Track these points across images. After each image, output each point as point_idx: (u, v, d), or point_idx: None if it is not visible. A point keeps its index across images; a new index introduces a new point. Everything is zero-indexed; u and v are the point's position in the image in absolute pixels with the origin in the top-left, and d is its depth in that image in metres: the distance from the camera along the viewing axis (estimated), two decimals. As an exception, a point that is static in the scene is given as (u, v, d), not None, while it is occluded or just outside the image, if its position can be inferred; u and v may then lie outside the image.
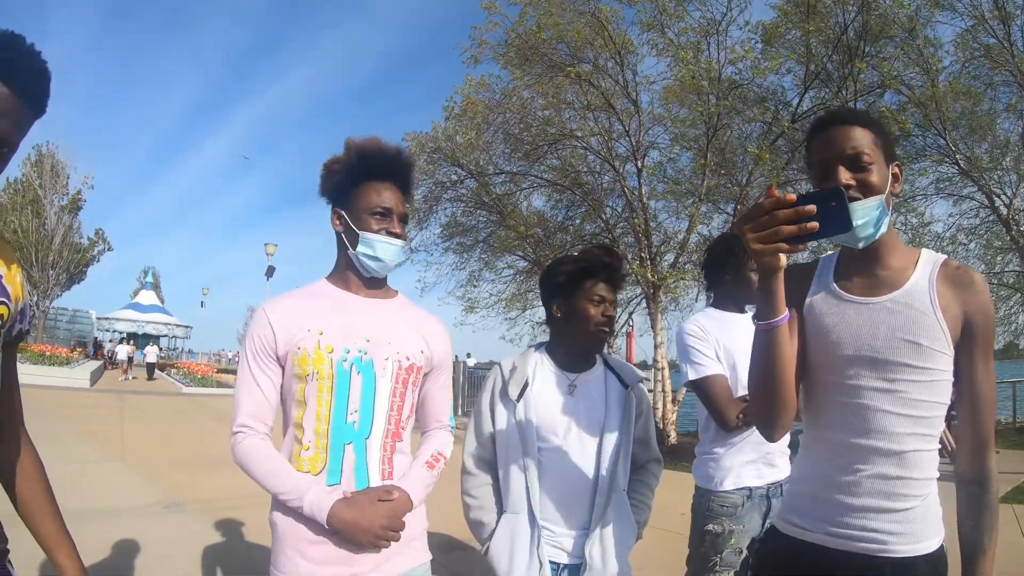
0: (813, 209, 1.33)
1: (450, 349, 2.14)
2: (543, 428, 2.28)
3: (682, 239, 14.68)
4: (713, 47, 13.61)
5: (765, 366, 1.57)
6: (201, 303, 68.91)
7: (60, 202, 36.43)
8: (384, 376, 1.89)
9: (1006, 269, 16.24)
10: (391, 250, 1.93)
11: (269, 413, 1.90)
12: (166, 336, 60.12)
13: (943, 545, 1.60)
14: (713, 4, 13.37)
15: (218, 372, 35.40)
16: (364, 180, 1.95)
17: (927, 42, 12.58)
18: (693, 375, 2.74)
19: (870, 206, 1.53)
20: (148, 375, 33.23)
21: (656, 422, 12.73)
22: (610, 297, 2.35)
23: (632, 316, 18.47)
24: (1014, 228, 14.03)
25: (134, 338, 49.40)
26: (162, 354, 46.56)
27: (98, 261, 40.95)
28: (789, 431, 1.72)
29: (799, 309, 1.72)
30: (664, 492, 2.54)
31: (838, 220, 1.34)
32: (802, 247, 1.46)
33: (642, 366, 16.48)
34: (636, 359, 19.15)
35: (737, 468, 2.72)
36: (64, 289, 39.43)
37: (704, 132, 13.46)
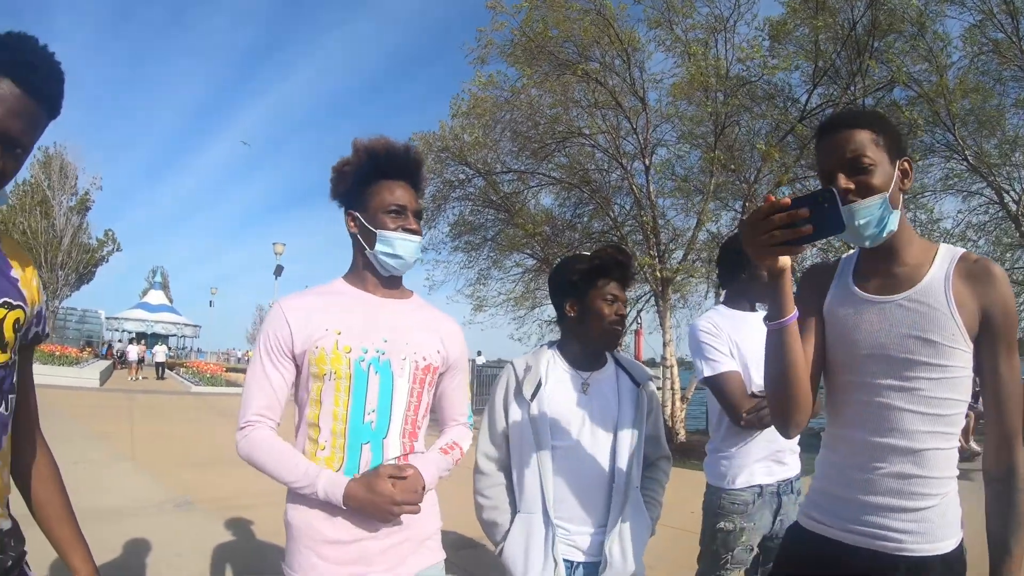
0: (807, 212, 1.36)
1: (465, 349, 2.15)
2: (557, 427, 2.29)
3: (690, 236, 14.65)
4: (721, 44, 13.59)
5: (777, 365, 1.59)
6: (210, 302, 69.06)
7: (68, 203, 36.60)
8: (402, 376, 1.90)
9: (1016, 266, 16.11)
10: (410, 247, 1.93)
11: (278, 410, 1.90)
12: (175, 335, 60.35)
13: (961, 545, 1.60)
14: (721, 1, 13.35)
15: (227, 371, 35.52)
16: (376, 180, 1.95)
17: (936, 37, 12.51)
18: (708, 371, 2.73)
19: (871, 205, 1.54)
20: (158, 374, 33.36)
21: (665, 420, 12.77)
22: (622, 296, 2.37)
23: (641, 314, 18.47)
24: (1023, 224, 13.95)
25: (143, 338, 49.61)
26: (171, 353, 46.69)
27: (107, 261, 41.10)
28: (803, 429, 1.72)
29: (819, 309, 1.73)
30: (673, 489, 2.54)
31: (832, 221, 1.37)
32: (800, 249, 1.48)
33: (651, 363, 16.47)
34: (644, 357, 19.16)
35: (748, 466, 2.72)
36: (73, 289, 39.62)
37: (712, 129, 13.44)
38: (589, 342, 2.40)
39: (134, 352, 34.31)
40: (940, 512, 1.56)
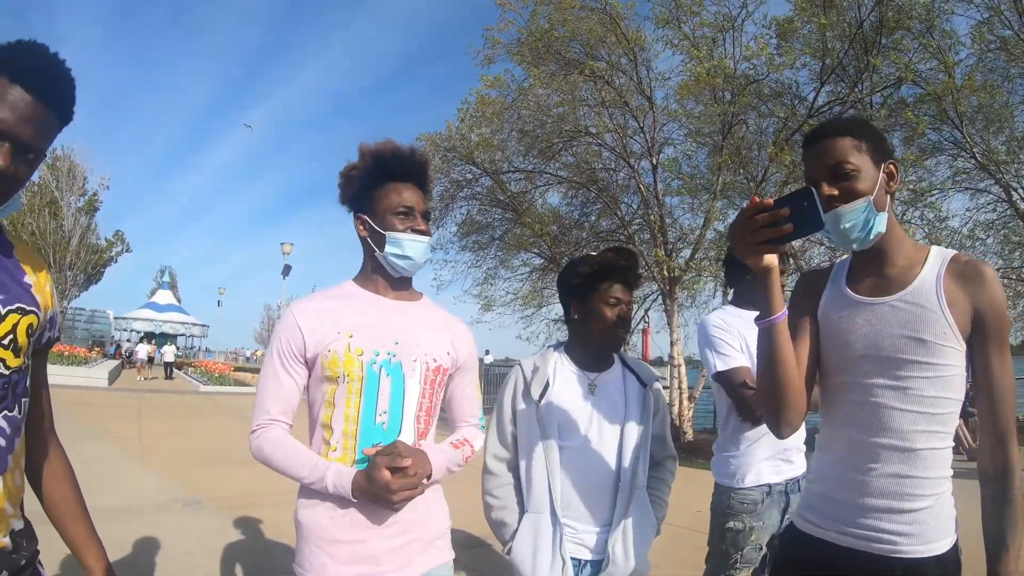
0: (787, 212, 1.42)
1: (475, 349, 2.16)
2: (564, 427, 2.31)
3: (698, 235, 14.61)
4: (729, 43, 13.54)
5: (767, 363, 1.62)
6: (218, 302, 69.14)
7: (77, 204, 36.73)
8: (412, 377, 1.91)
9: (1025, 264, 16.03)
10: (419, 247, 1.95)
11: (290, 412, 1.92)
12: (183, 335, 60.45)
13: (956, 546, 1.61)
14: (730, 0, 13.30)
15: (235, 371, 35.66)
16: (383, 182, 1.96)
17: (945, 35, 12.45)
18: (721, 366, 2.73)
19: (855, 209, 1.58)
20: (166, 374, 33.45)
21: (672, 419, 12.75)
22: (626, 298, 2.38)
23: (648, 313, 18.45)
24: (1032, 222, 13.87)
25: (152, 337, 49.75)
26: (179, 353, 46.84)
27: (116, 262, 41.26)
28: (798, 429, 1.73)
29: (814, 312, 1.77)
30: (680, 489, 2.55)
31: (811, 219, 1.43)
32: (784, 248, 1.54)
33: (658, 362, 16.45)
34: (652, 356, 19.14)
35: (756, 465, 2.72)
36: (82, 290, 39.81)
37: (719, 128, 13.40)
38: (591, 344, 2.43)
39: (143, 351, 34.40)
40: (935, 513, 1.58)
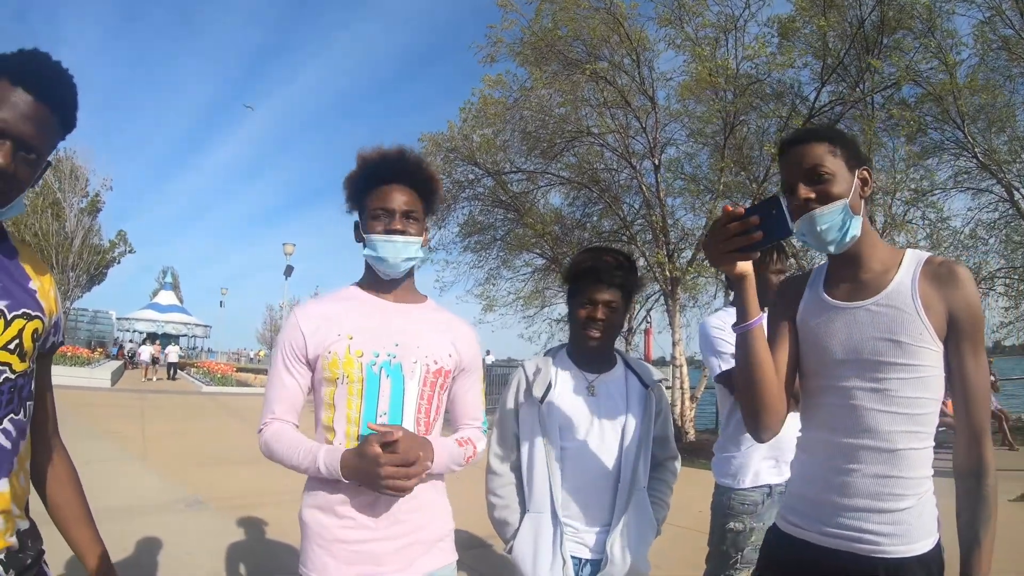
0: (757, 219, 1.47)
1: (479, 351, 2.16)
2: (565, 428, 2.33)
3: (700, 235, 14.59)
4: (731, 43, 13.54)
5: (744, 367, 1.67)
6: (220, 302, 69.16)
7: (80, 205, 36.68)
8: (412, 379, 1.91)
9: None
10: (390, 248, 1.93)
11: (294, 411, 1.95)
12: (186, 336, 60.53)
13: (939, 545, 1.63)
14: (733, 0, 13.30)
15: (238, 371, 35.64)
16: (371, 186, 1.98)
17: (947, 34, 12.45)
18: (725, 366, 2.74)
19: (832, 211, 1.62)
20: (170, 375, 33.44)
21: (674, 419, 12.74)
22: (603, 298, 2.35)
23: (650, 313, 18.46)
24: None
25: (156, 338, 49.80)
26: (182, 353, 46.86)
27: (118, 263, 41.21)
28: (778, 433, 1.75)
29: (792, 318, 1.81)
30: (681, 489, 2.56)
31: (779, 226, 1.47)
32: (755, 255, 1.56)
33: (660, 362, 16.44)
34: (654, 356, 19.14)
35: (757, 465, 2.72)
36: (84, 290, 39.73)
37: (721, 128, 13.40)
38: (573, 343, 2.48)
39: (147, 352, 34.35)
40: (917, 513, 1.60)
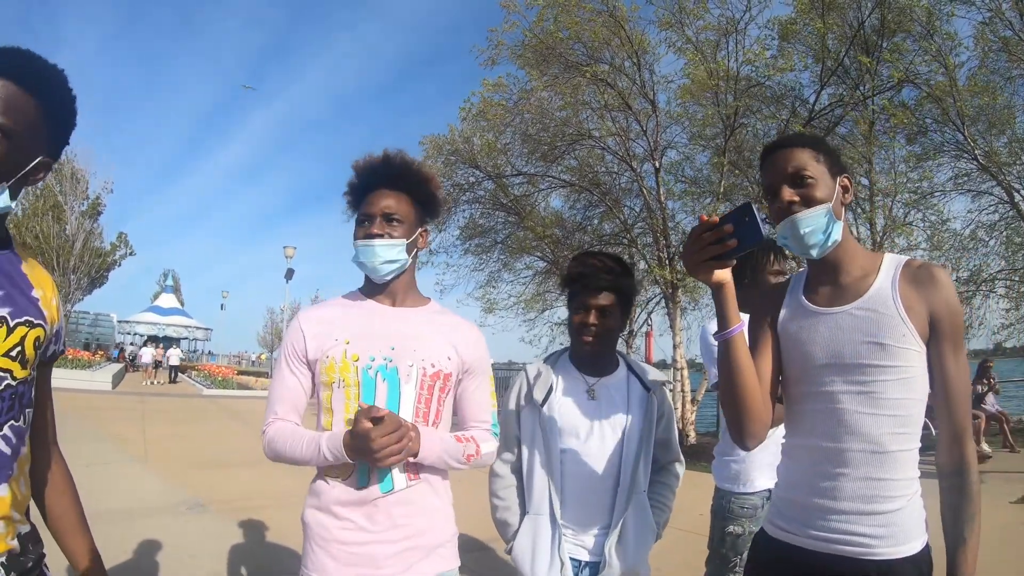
0: (731, 228, 1.50)
1: (485, 353, 2.14)
2: (565, 431, 2.35)
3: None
4: (732, 46, 13.54)
5: (727, 375, 1.68)
6: (221, 305, 69.25)
7: (80, 207, 36.66)
8: (408, 383, 1.92)
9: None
10: (368, 252, 1.94)
11: (295, 411, 1.98)
12: (186, 339, 60.60)
13: (927, 545, 1.64)
14: (733, 3, 13.32)
15: (239, 374, 35.58)
16: (361, 195, 2.02)
17: (948, 37, 12.46)
18: None
19: (816, 214, 1.64)
20: (171, 378, 33.36)
21: (676, 422, 12.70)
22: (595, 303, 2.37)
23: (651, 316, 18.45)
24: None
25: (157, 341, 49.81)
26: (183, 356, 46.84)
27: (119, 265, 41.20)
28: (763, 441, 1.76)
29: (773, 326, 1.81)
30: (682, 492, 2.56)
31: (752, 233, 1.50)
32: (731, 262, 1.59)
33: (661, 365, 16.43)
34: (655, 359, 19.12)
35: (757, 470, 2.72)
36: (85, 293, 39.73)
37: (722, 131, 13.41)
38: (572, 347, 2.50)
39: (149, 355, 34.26)
40: (907, 514, 1.60)
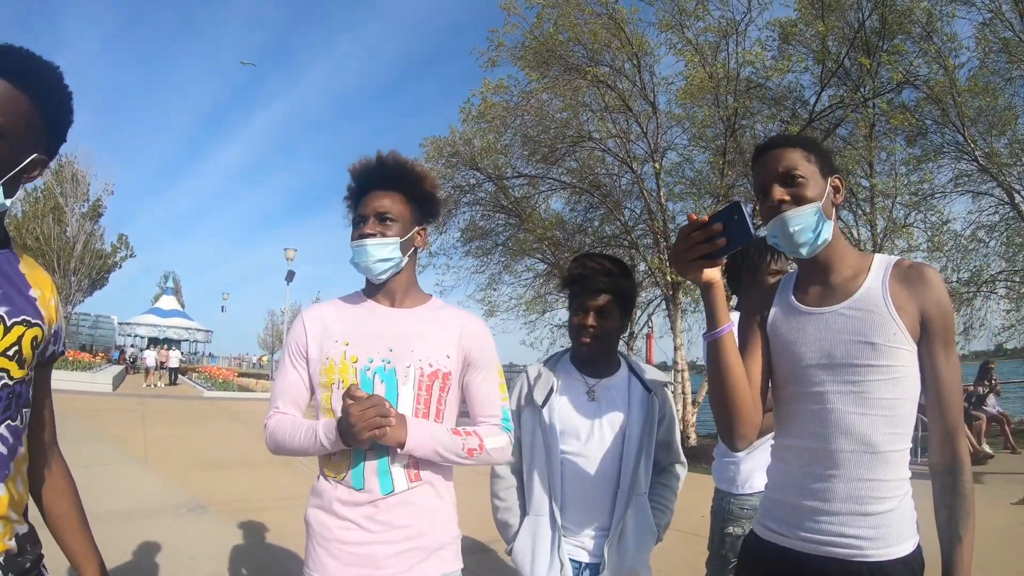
0: (720, 227, 1.51)
1: (490, 344, 2.10)
2: (565, 433, 2.35)
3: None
4: (732, 47, 13.56)
5: (715, 376, 1.68)
6: (221, 307, 69.22)
7: (81, 209, 36.64)
8: (406, 383, 1.91)
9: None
10: (360, 251, 1.95)
11: (296, 406, 1.99)
12: (187, 340, 60.57)
13: (919, 546, 1.63)
14: (734, 5, 13.33)
15: (239, 376, 35.54)
16: (357, 198, 2.03)
17: (948, 38, 12.48)
18: None
19: (806, 212, 1.65)
20: (171, 379, 33.30)
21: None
22: (592, 304, 2.36)
23: (652, 318, 18.45)
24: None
25: (158, 343, 49.79)
26: (183, 358, 46.78)
27: (120, 267, 41.18)
28: (753, 442, 1.76)
29: (763, 326, 1.82)
30: (683, 493, 2.56)
31: (741, 232, 1.51)
32: (720, 261, 1.59)
33: (662, 367, 16.43)
34: (656, 361, 19.12)
35: (757, 471, 2.72)
36: (86, 295, 39.71)
37: (722, 132, 13.42)
38: (572, 349, 2.51)
39: (151, 357, 34.19)
40: (899, 515, 1.60)
